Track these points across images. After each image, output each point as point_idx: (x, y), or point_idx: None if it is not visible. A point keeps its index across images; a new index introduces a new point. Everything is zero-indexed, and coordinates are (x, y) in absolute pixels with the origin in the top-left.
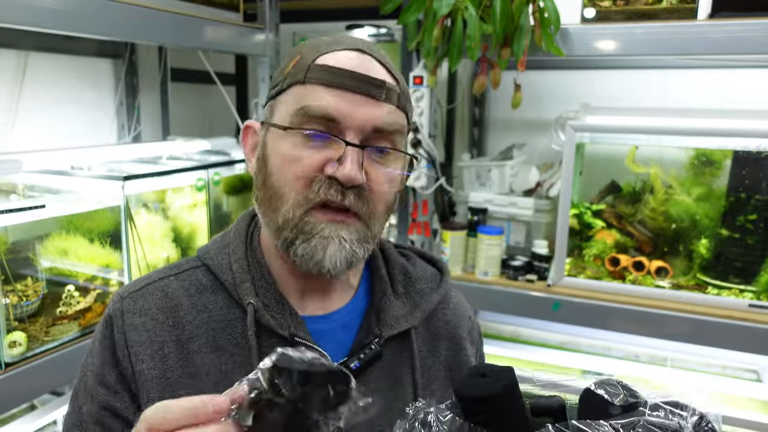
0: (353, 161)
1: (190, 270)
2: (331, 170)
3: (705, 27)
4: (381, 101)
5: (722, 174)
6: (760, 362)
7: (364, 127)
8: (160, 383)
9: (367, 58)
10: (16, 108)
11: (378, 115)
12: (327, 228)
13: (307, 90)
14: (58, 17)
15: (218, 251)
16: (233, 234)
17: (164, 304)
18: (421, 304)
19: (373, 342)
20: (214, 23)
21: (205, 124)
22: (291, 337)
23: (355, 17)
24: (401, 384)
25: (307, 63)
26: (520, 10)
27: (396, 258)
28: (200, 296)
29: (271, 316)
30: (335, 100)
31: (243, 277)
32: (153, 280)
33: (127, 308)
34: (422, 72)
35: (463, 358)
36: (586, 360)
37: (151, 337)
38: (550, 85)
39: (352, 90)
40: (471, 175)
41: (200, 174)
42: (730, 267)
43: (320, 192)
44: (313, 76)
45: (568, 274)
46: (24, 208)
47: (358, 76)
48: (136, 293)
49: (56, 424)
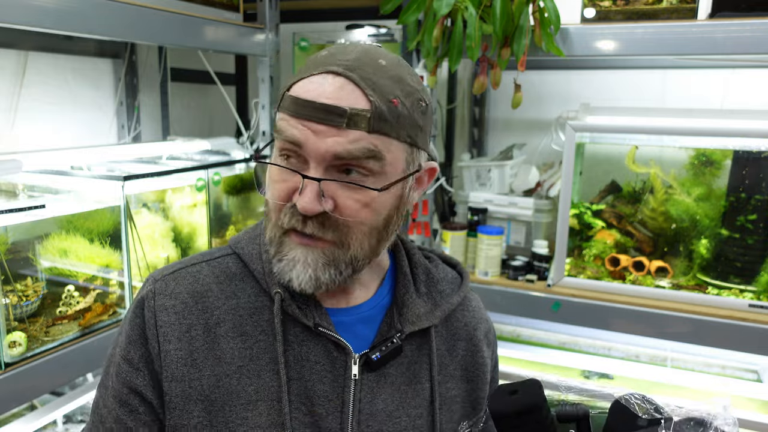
0: (309, 192)
1: (221, 257)
2: (294, 200)
3: (705, 27)
4: (344, 129)
5: (722, 174)
6: (760, 362)
7: (325, 155)
8: (186, 363)
9: (339, 81)
10: (16, 108)
11: (339, 143)
12: (294, 251)
13: (281, 117)
14: (58, 17)
15: (249, 241)
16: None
17: (194, 289)
18: (442, 305)
19: (394, 336)
20: (214, 23)
21: (205, 124)
22: (315, 327)
23: (355, 17)
24: (419, 380)
25: (282, 91)
26: (520, 10)
27: (419, 259)
28: (230, 283)
29: (297, 305)
30: (297, 131)
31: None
32: (186, 265)
33: (159, 290)
34: (422, 72)
35: (479, 360)
36: (587, 360)
37: (179, 320)
38: (550, 85)
39: (313, 120)
40: (471, 175)
41: (200, 174)
42: (730, 267)
43: (286, 219)
44: (284, 106)
45: (568, 274)
46: (24, 208)
47: (318, 105)
48: (169, 276)
49: (56, 424)
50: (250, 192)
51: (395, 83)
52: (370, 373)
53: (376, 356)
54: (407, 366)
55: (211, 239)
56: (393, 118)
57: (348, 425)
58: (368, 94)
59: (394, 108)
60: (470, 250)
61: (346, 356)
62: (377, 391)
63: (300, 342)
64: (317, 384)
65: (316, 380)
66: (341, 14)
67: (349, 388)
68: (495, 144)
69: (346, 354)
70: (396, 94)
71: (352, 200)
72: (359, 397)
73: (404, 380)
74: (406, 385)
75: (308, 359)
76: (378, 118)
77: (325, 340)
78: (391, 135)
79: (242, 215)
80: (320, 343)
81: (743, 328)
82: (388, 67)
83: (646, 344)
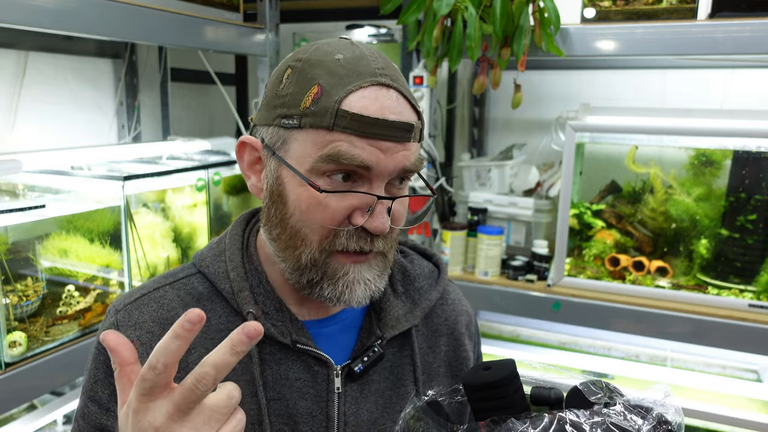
0: (383, 212)
1: (185, 278)
2: (360, 221)
3: (705, 27)
4: (409, 143)
5: (722, 174)
6: (760, 362)
7: (393, 172)
8: None
9: (394, 94)
10: (16, 108)
11: (407, 158)
12: (351, 271)
13: (334, 137)
14: (58, 17)
15: (214, 258)
16: (229, 240)
17: (160, 316)
18: (421, 303)
19: (375, 344)
20: (214, 23)
21: (205, 124)
22: (293, 344)
23: (355, 17)
24: (402, 383)
25: (331, 106)
26: (520, 10)
27: (395, 256)
28: (197, 305)
29: (271, 324)
30: (368, 150)
31: (241, 285)
32: (148, 291)
33: (121, 321)
34: (422, 72)
35: (462, 353)
36: (586, 360)
37: (147, 350)
38: (550, 85)
39: (383, 138)
40: (471, 175)
41: (200, 174)
42: (730, 267)
43: (348, 243)
44: (343, 125)
45: (568, 274)
46: (24, 208)
47: (391, 124)
48: (131, 305)
49: (56, 424)
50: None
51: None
52: (353, 384)
53: (359, 368)
54: (390, 370)
55: (210, 239)
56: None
57: None
58: (414, 105)
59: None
60: (470, 250)
61: (327, 369)
62: (361, 401)
63: (278, 361)
64: (299, 402)
65: (298, 398)
66: (341, 14)
67: (333, 401)
68: (495, 144)
69: (328, 367)
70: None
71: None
72: (344, 410)
73: (387, 385)
74: (390, 390)
75: (287, 377)
76: (423, 127)
77: (304, 355)
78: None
79: None
80: (299, 359)
81: (743, 328)
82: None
83: (646, 344)
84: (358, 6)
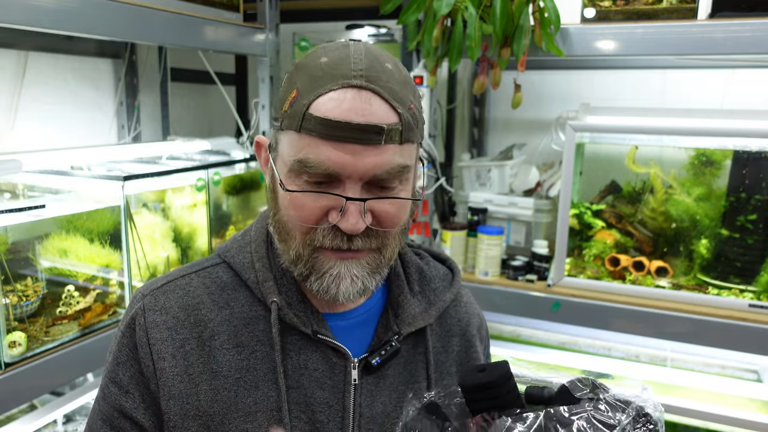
0: (354, 213)
1: (210, 267)
2: (334, 220)
3: (705, 27)
4: (381, 146)
5: (722, 174)
6: (760, 362)
7: (364, 175)
8: (183, 380)
9: (366, 95)
10: (16, 108)
11: (379, 162)
12: (337, 266)
13: (303, 141)
14: (58, 17)
15: (239, 249)
16: (254, 232)
17: (185, 302)
18: (436, 303)
19: (392, 339)
20: (214, 23)
21: (205, 124)
22: (314, 335)
23: (355, 17)
24: (416, 379)
25: (301, 109)
26: (520, 10)
27: (411, 257)
28: (222, 293)
29: (294, 314)
30: (333, 154)
31: (266, 275)
32: (174, 278)
33: (148, 305)
34: (422, 72)
35: (473, 355)
36: (586, 360)
37: (172, 335)
38: (550, 85)
39: (349, 141)
40: (471, 175)
41: (200, 174)
42: (730, 267)
43: (325, 240)
44: (309, 128)
45: (568, 274)
46: (24, 208)
47: (355, 127)
48: (157, 290)
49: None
50: (250, 192)
51: (405, 86)
52: (369, 377)
53: (377, 361)
54: (404, 366)
55: (211, 239)
56: (414, 125)
57: (349, 431)
58: (395, 107)
59: (413, 114)
60: (470, 250)
61: (345, 362)
62: (376, 394)
63: (298, 350)
64: (317, 391)
65: (316, 387)
66: (341, 14)
67: (350, 393)
68: (495, 144)
69: (346, 359)
70: (410, 99)
71: (389, 209)
72: (359, 402)
73: (401, 380)
74: (404, 385)
75: (307, 367)
76: (407, 128)
77: (323, 346)
78: (414, 141)
79: (242, 215)
80: (318, 350)
81: (743, 328)
82: (395, 70)
83: (646, 344)
84: (358, 6)
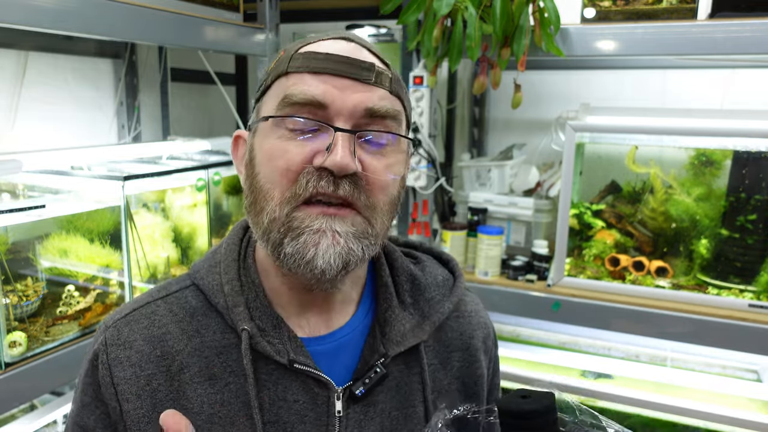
0: (344, 147)
1: (178, 292)
2: (320, 160)
3: (705, 27)
4: (371, 84)
5: (722, 174)
6: (760, 362)
7: (354, 111)
8: (151, 420)
9: (354, 45)
10: (16, 108)
11: (369, 97)
12: (317, 221)
13: (291, 79)
14: (57, 17)
15: (209, 270)
16: (225, 250)
17: (150, 333)
18: (431, 316)
19: (377, 363)
20: (214, 23)
21: (205, 124)
22: (290, 364)
23: (355, 17)
24: (411, 403)
25: (290, 54)
26: (520, 10)
27: (402, 263)
28: (191, 320)
29: (267, 341)
30: (322, 85)
31: (236, 300)
32: (140, 305)
33: (111, 340)
34: (422, 72)
35: (476, 371)
36: (586, 360)
37: (136, 372)
38: (550, 85)
39: (339, 74)
40: (471, 175)
41: (200, 174)
42: (730, 267)
43: (309, 186)
44: (297, 65)
45: (568, 274)
46: (24, 208)
47: (344, 59)
48: (120, 321)
49: (56, 424)
50: None
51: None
52: (356, 406)
53: (360, 391)
54: (396, 390)
55: (211, 239)
56: (403, 87)
57: None
58: (383, 59)
59: (400, 78)
60: (470, 250)
61: (327, 392)
62: (365, 425)
63: (275, 381)
64: (298, 425)
65: (296, 421)
66: (341, 14)
67: (334, 426)
68: (495, 144)
69: (328, 389)
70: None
71: (379, 162)
72: None
73: (394, 405)
74: (397, 411)
75: (285, 399)
76: (396, 80)
77: (303, 376)
78: (404, 100)
79: (242, 215)
80: (298, 379)
81: (743, 328)
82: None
83: (646, 344)
84: (358, 6)
